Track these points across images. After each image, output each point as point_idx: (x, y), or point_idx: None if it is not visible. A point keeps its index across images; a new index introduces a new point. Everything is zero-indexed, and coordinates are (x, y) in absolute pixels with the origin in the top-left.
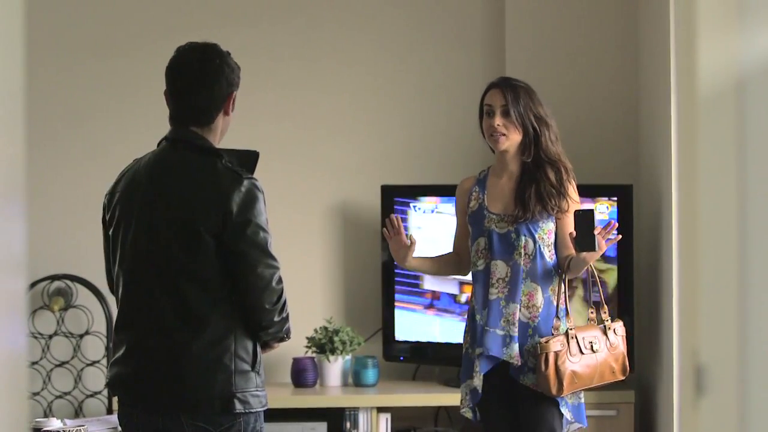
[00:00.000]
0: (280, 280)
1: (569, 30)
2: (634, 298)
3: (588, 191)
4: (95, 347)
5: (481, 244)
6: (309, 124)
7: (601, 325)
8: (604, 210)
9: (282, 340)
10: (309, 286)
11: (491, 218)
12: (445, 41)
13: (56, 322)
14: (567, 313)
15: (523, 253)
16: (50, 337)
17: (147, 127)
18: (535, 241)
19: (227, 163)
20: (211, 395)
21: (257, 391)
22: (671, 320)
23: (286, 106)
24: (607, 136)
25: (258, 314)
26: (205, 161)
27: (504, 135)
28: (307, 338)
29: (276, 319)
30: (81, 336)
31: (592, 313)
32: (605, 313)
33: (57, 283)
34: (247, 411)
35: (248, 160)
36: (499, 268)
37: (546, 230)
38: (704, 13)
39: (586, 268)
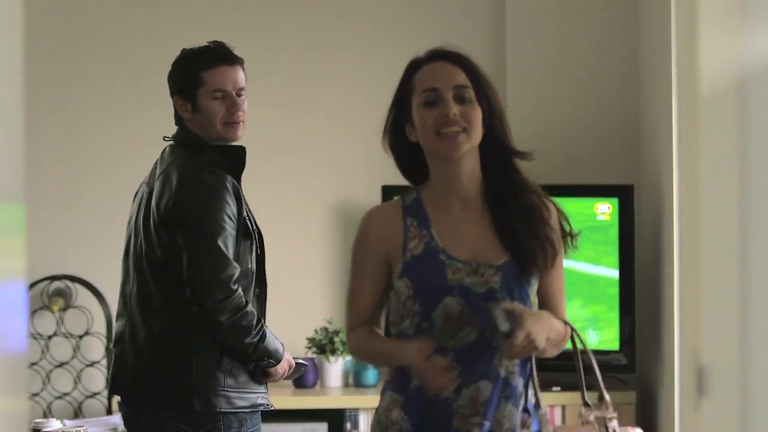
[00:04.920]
0: (234, 280)
1: (569, 29)
2: (635, 298)
3: (588, 192)
4: (95, 348)
5: (453, 311)
6: (308, 123)
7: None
8: (605, 210)
9: (249, 348)
10: (309, 286)
11: (456, 267)
12: (447, 40)
13: (56, 323)
14: (538, 404)
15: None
16: (50, 337)
17: (148, 129)
18: (525, 304)
19: (206, 159)
20: (171, 390)
21: (226, 391)
22: (672, 321)
23: (284, 103)
24: (608, 136)
25: (197, 295)
26: (185, 157)
27: (464, 132)
28: (308, 339)
29: (220, 307)
30: (81, 337)
31: (586, 410)
32: (607, 409)
33: (56, 284)
34: (214, 410)
35: (235, 155)
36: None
37: (534, 290)
38: (705, 12)
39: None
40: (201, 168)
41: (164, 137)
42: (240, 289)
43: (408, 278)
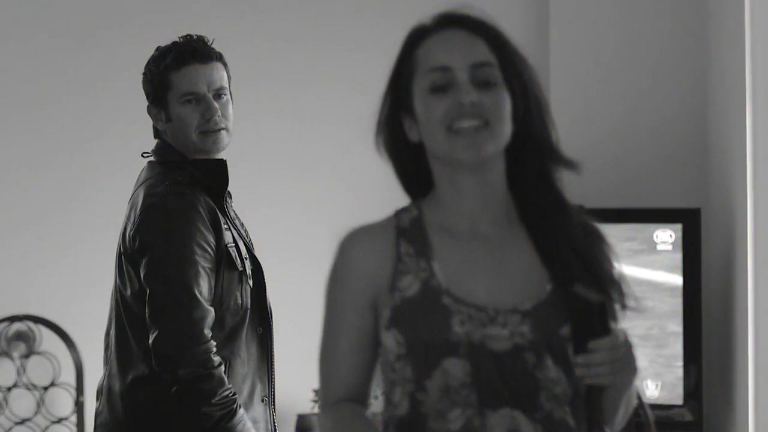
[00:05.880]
0: (204, 326)
1: (624, 32)
2: (702, 341)
3: (646, 217)
4: (62, 401)
5: (455, 377)
6: (314, 132)
7: None
8: (667, 239)
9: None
10: (316, 326)
11: (465, 315)
12: None
13: (16, 372)
14: None
15: (547, 401)
16: (9, 389)
17: (127, 145)
18: (570, 374)
19: (177, 177)
20: None
21: None
22: (746, 369)
23: (286, 109)
24: (671, 153)
25: (156, 343)
26: (155, 176)
27: (486, 127)
28: (314, 391)
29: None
30: (46, 388)
31: None
32: None
33: (17, 326)
34: None
35: (214, 171)
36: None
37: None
38: None
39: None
40: (166, 189)
41: (143, 153)
42: (212, 342)
43: (398, 330)
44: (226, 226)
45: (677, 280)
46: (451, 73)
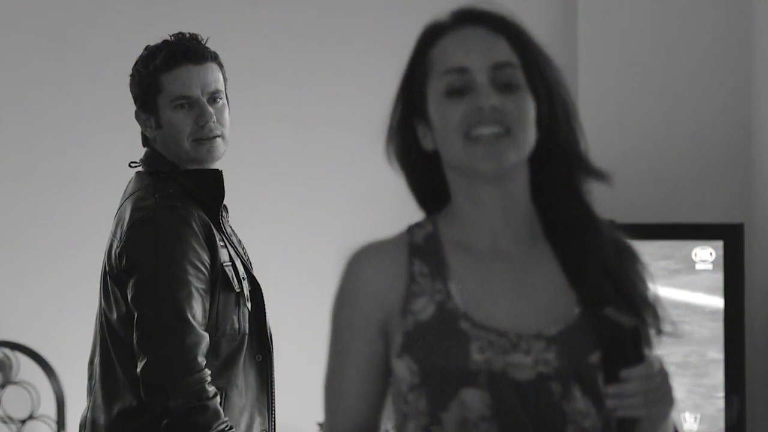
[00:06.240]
0: (198, 353)
1: (661, 28)
2: (745, 370)
3: (686, 233)
4: None
5: (474, 410)
6: (321, 140)
7: None
8: (707, 257)
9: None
10: (322, 353)
11: (485, 341)
12: None
13: None
14: None
15: None
16: None
17: (112, 153)
18: (600, 406)
19: (168, 189)
20: None
21: None
22: None
23: (289, 115)
24: (711, 163)
25: (145, 372)
26: (144, 189)
27: (508, 134)
28: (318, 424)
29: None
30: (24, 421)
31: None
32: None
33: None
34: None
35: (209, 183)
36: None
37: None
38: None
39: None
40: (156, 203)
41: (130, 163)
42: (206, 371)
43: (411, 357)
44: (221, 243)
45: (718, 302)
46: (470, 75)
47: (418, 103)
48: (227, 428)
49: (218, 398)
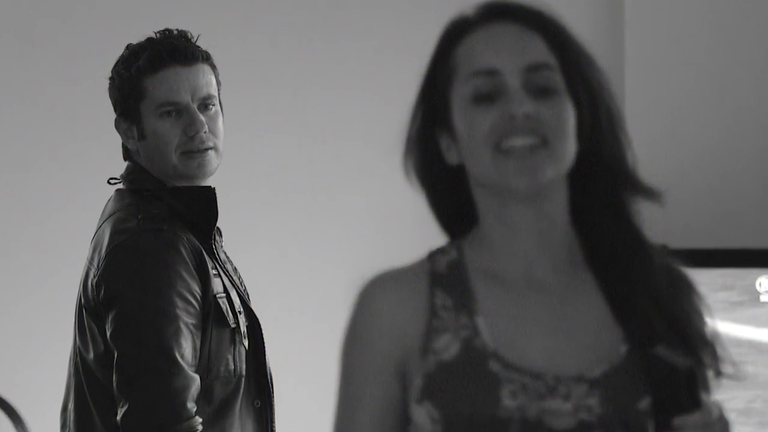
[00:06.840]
0: (188, 398)
1: (719, 26)
2: None
3: (749, 260)
4: None
5: None
6: (331, 153)
7: None
8: None
9: None
10: (329, 393)
11: (518, 385)
12: None
13: None
14: None
15: None
16: None
17: (66, 189)
18: None
19: (153, 210)
20: None
21: None
22: None
23: (294, 123)
24: None
25: (126, 420)
26: (126, 209)
27: (544, 146)
28: None
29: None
30: None
31: None
32: None
33: None
34: None
35: (200, 201)
36: None
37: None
38: None
39: None
40: (139, 225)
41: (109, 179)
42: (197, 419)
43: (432, 403)
44: (214, 272)
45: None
46: (500, 78)
47: (440, 110)
48: None
49: None
